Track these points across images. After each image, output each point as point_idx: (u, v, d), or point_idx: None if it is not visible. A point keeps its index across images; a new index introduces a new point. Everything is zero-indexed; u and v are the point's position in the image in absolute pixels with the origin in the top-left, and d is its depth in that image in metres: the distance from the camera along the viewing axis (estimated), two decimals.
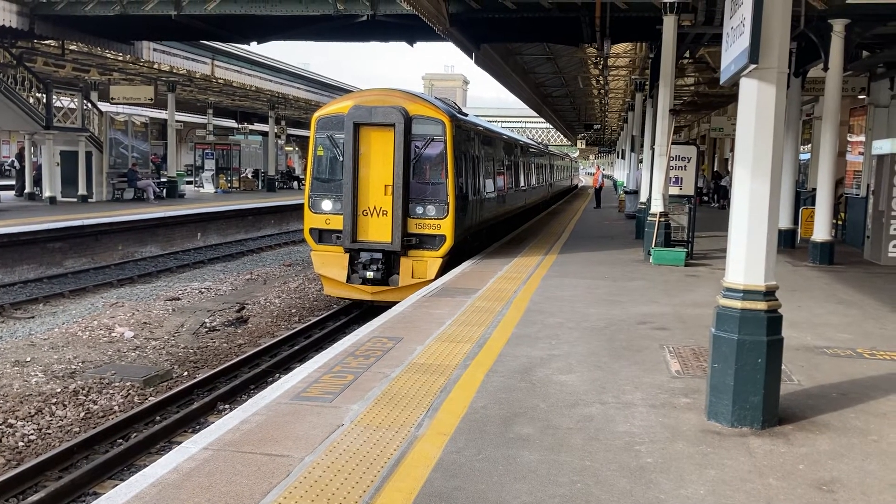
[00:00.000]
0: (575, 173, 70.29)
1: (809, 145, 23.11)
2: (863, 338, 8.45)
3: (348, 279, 13.55)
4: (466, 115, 17.05)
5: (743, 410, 5.39)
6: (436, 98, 15.37)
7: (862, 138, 19.14)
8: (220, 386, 9.92)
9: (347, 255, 13.53)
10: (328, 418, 5.45)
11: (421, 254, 13.41)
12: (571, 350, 7.58)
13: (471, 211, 15.11)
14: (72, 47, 25.72)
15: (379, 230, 13.40)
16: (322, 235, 13.77)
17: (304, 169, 14.48)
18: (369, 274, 13.33)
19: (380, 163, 13.29)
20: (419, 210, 13.43)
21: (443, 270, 13.21)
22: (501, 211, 19.76)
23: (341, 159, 13.43)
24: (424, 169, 13.59)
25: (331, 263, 13.66)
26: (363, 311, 13.95)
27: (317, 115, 14.02)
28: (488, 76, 25.28)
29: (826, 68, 14.33)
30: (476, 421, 5.46)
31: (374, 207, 13.40)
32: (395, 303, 10.46)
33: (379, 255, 13.37)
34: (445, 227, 13.40)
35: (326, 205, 13.68)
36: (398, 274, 13.42)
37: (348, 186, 13.22)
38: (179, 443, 6.68)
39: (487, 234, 17.73)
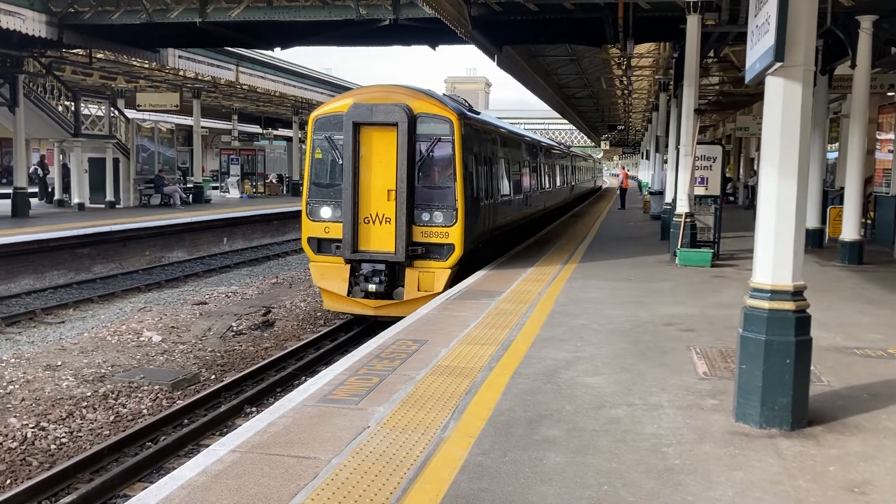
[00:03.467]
0: (599, 175, 69.39)
1: (837, 144, 22.81)
2: (894, 338, 8.32)
3: (349, 292, 12.55)
4: (478, 112, 16.04)
5: (771, 412, 5.34)
6: (444, 95, 14.29)
7: (891, 136, 18.82)
8: (247, 389, 10.00)
9: (348, 267, 12.53)
10: (354, 420, 5.48)
11: (428, 264, 12.36)
12: (597, 352, 7.55)
13: (483, 217, 14.07)
14: (99, 56, 26.08)
15: (381, 239, 12.37)
16: (321, 245, 12.79)
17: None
18: (371, 287, 12.31)
19: (382, 166, 12.31)
20: (425, 217, 12.35)
21: (452, 282, 12.24)
22: (518, 216, 18.77)
23: (340, 162, 12.48)
24: (431, 172, 12.55)
25: (330, 275, 12.68)
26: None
27: (314, 114, 13.04)
28: (511, 78, 25.23)
29: (854, 65, 14.16)
30: (502, 423, 5.45)
31: (377, 214, 12.39)
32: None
33: (382, 267, 12.34)
34: (454, 235, 12.33)
35: (325, 212, 12.70)
36: (403, 286, 12.41)
37: (348, 192, 12.23)
38: (207, 445, 6.76)
39: (503, 240, 16.61)
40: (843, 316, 9.51)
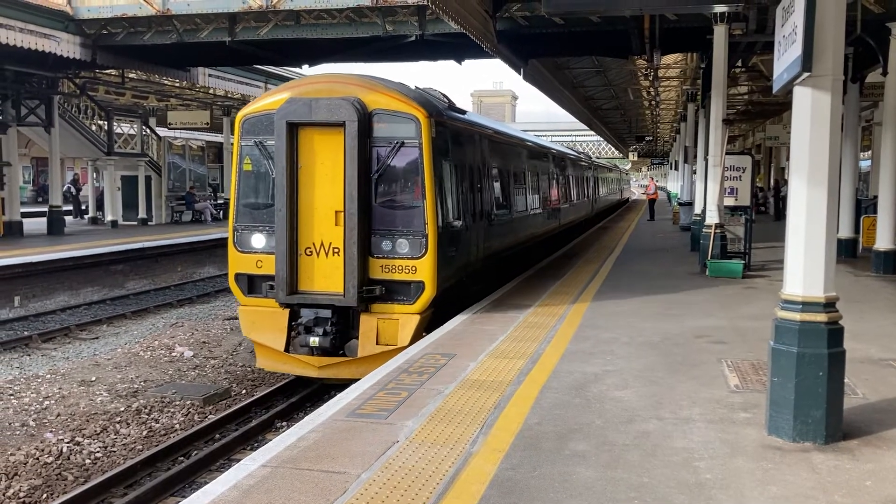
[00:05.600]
0: (626, 186, 67.81)
1: (870, 152, 22.50)
2: None
3: (288, 347, 9.89)
4: (463, 112, 12.73)
5: (805, 425, 5.27)
6: (416, 87, 11.34)
7: None
8: (278, 403, 10.06)
9: (287, 313, 9.85)
10: (383, 435, 5.50)
11: (389, 309, 9.70)
12: (627, 365, 7.50)
13: (468, 243, 11.34)
14: (131, 75, 26.61)
15: (328, 276, 9.70)
16: (252, 283, 10.07)
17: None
18: (313, 340, 9.58)
19: (327, 179, 9.68)
20: (386, 246, 9.69)
21: (421, 331, 9.68)
22: (523, 237, 15.95)
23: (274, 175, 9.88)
24: (392, 187, 9.95)
25: (264, 324, 9.97)
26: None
27: (242, 113, 10.36)
28: (537, 91, 25.13)
29: (885, 73, 14.01)
30: (531, 437, 5.44)
31: (321, 244, 9.72)
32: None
33: (327, 313, 9.66)
34: (424, 269, 9.62)
35: (257, 240, 10.02)
36: (357, 339, 9.72)
37: (282, 214, 9.55)
38: (239, 460, 6.82)
39: (500, 268, 13.85)
40: (878, 327, 9.35)
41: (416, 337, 9.46)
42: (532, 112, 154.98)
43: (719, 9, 13.77)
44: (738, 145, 46.70)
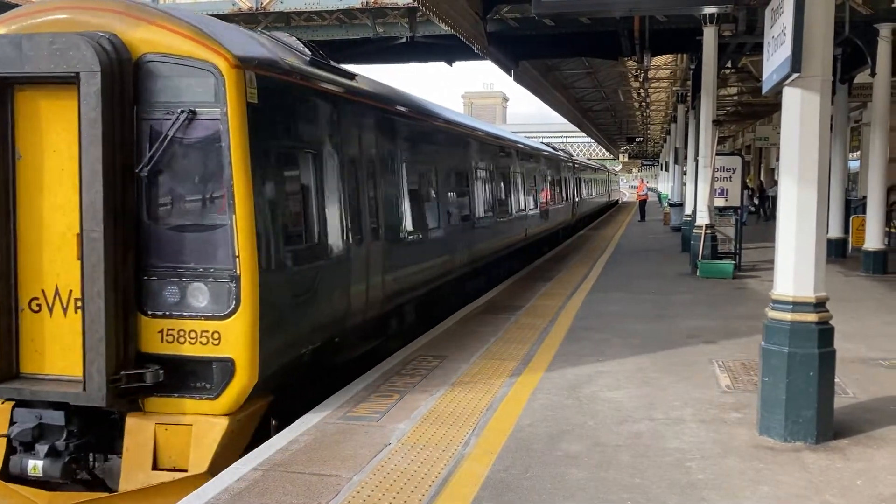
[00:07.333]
0: (614, 188, 65.71)
1: (858, 152, 22.63)
2: None
3: (5, 472, 5.73)
4: (352, 76, 8.14)
5: (796, 425, 5.28)
6: (256, 34, 7.16)
7: None
8: None
9: (6, 413, 5.76)
10: (375, 437, 5.48)
11: (177, 407, 5.72)
12: (618, 366, 7.51)
13: (340, 279, 7.14)
14: None
15: (69, 348, 5.66)
16: None
17: None
18: (34, 465, 5.57)
19: (65, 178, 5.68)
20: (169, 296, 5.71)
21: (241, 444, 5.83)
22: (461, 259, 11.71)
23: None
24: (176, 191, 5.86)
25: None
26: None
27: None
28: (528, 92, 25.15)
29: (873, 73, 14.10)
30: (523, 439, 5.43)
31: (56, 291, 5.73)
32: None
33: (59, 417, 5.66)
34: (235, 335, 5.64)
35: None
36: (120, 456, 5.73)
37: None
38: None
39: (421, 306, 10.14)
40: (868, 327, 9.40)
41: (228, 454, 5.57)
42: (523, 113, 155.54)
43: (709, 10, 13.84)
44: (728, 146, 46.93)
